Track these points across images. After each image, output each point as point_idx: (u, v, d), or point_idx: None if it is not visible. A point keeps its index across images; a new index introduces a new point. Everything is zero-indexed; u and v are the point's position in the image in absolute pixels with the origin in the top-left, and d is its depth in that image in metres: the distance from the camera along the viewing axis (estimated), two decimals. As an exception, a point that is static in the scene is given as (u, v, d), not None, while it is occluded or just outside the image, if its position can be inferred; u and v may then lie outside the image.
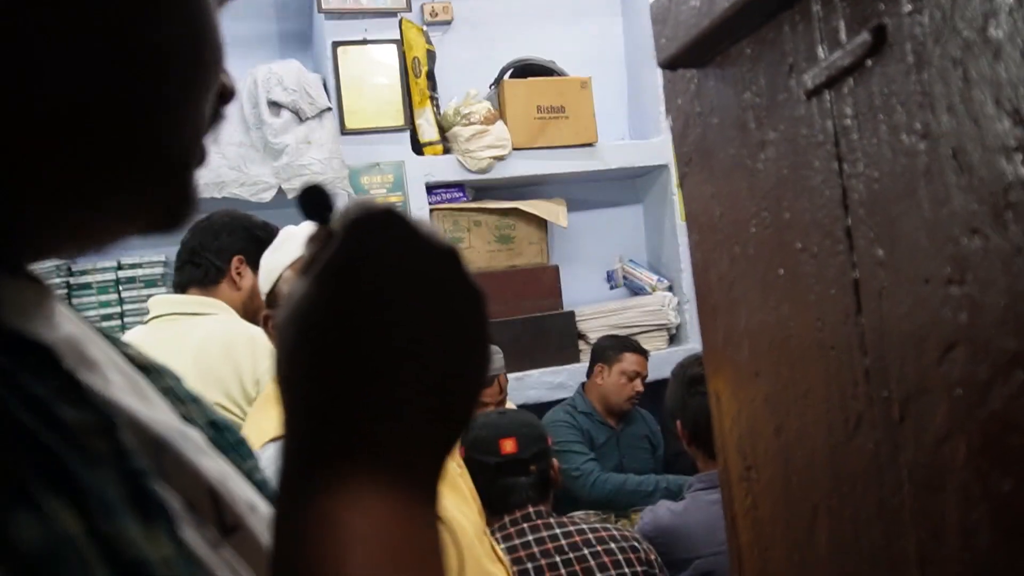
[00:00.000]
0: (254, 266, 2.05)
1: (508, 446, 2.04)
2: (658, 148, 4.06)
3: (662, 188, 4.16)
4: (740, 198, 0.81)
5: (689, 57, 0.83)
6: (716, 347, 0.89)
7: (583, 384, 3.57)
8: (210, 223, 2.22)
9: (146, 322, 2.19)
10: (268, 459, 0.71)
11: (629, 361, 3.43)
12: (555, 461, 2.12)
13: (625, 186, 4.37)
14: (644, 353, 3.51)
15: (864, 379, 0.66)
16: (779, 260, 0.76)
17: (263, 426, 1.45)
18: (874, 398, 0.65)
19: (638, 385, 3.44)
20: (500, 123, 3.79)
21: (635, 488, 3.18)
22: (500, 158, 3.76)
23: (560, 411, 3.46)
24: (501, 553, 1.69)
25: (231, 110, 3.42)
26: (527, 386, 3.77)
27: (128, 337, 2.16)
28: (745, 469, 0.84)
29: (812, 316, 0.72)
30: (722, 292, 0.86)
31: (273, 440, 1.39)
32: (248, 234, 2.21)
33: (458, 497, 1.55)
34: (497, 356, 3.19)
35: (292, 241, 1.55)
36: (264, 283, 1.55)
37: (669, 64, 0.86)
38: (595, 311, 3.99)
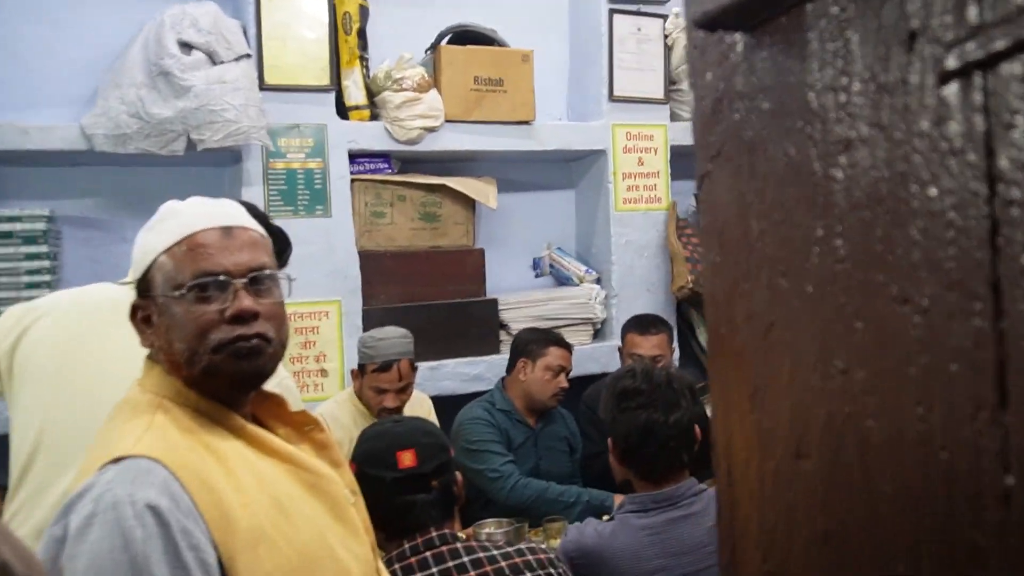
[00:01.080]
0: None
1: (406, 459, 1.79)
2: (598, 132, 3.85)
3: (598, 174, 3.96)
4: (797, 213, 0.59)
5: (737, 14, 0.61)
6: (734, 411, 0.67)
7: (503, 379, 3.34)
8: None
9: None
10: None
11: (554, 356, 3.22)
12: (459, 476, 1.89)
13: (559, 169, 4.15)
14: (569, 347, 3.31)
15: (1001, 505, 0.44)
16: (857, 308, 0.54)
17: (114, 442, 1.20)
18: (1016, 547, 0.43)
19: (563, 381, 3.24)
20: (434, 92, 3.52)
21: (555, 498, 2.98)
22: (431, 129, 3.50)
23: (477, 407, 3.24)
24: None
25: (132, 53, 3.09)
26: (442, 376, 3.54)
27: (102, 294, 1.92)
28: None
29: (910, 399, 0.50)
30: (753, 337, 0.64)
31: (115, 461, 1.14)
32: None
33: (347, 530, 1.31)
34: (403, 340, 2.95)
35: (173, 220, 1.29)
36: (136, 266, 1.28)
37: (707, 22, 0.63)
38: (519, 300, 3.77)
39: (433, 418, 3.25)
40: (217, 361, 1.23)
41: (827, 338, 0.57)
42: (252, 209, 1.47)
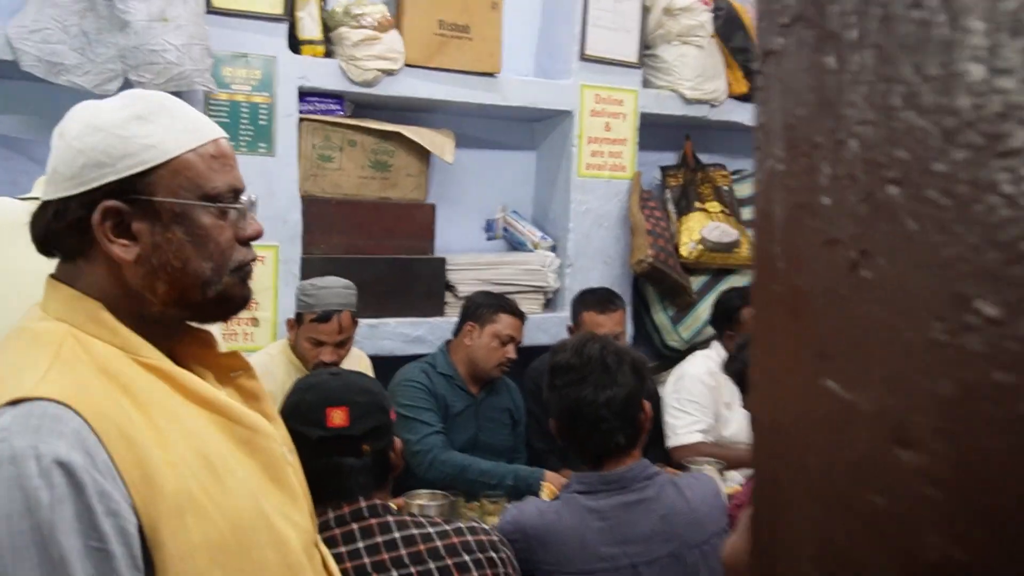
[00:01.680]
0: None
1: (337, 417, 1.58)
2: (565, 91, 3.65)
3: (562, 137, 3.76)
4: (927, 94, 0.41)
5: None
6: (788, 378, 0.48)
7: (448, 342, 3.15)
8: None
9: None
10: None
11: (504, 323, 3.03)
12: (397, 441, 1.68)
13: (522, 128, 3.94)
14: (522, 317, 3.12)
15: None
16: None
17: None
18: None
19: (511, 351, 3.05)
20: (395, 32, 3.28)
21: (477, 477, 2.78)
22: (389, 72, 3.27)
23: (416, 369, 3.04)
24: (334, 569, 1.26)
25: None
26: (382, 335, 3.33)
27: None
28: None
29: None
30: (829, 273, 0.46)
31: (12, 403, 0.93)
32: None
33: (285, 496, 1.11)
34: (346, 291, 2.75)
35: (181, 115, 1.10)
36: (114, 160, 1.03)
37: None
38: (469, 262, 3.57)
39: (369, 378, 3.06)
40: (230, 284, 1.12)
41: (966, 272, 0.38)
42: None
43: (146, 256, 1.05)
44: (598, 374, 1.88)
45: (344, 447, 1.58)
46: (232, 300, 1.14)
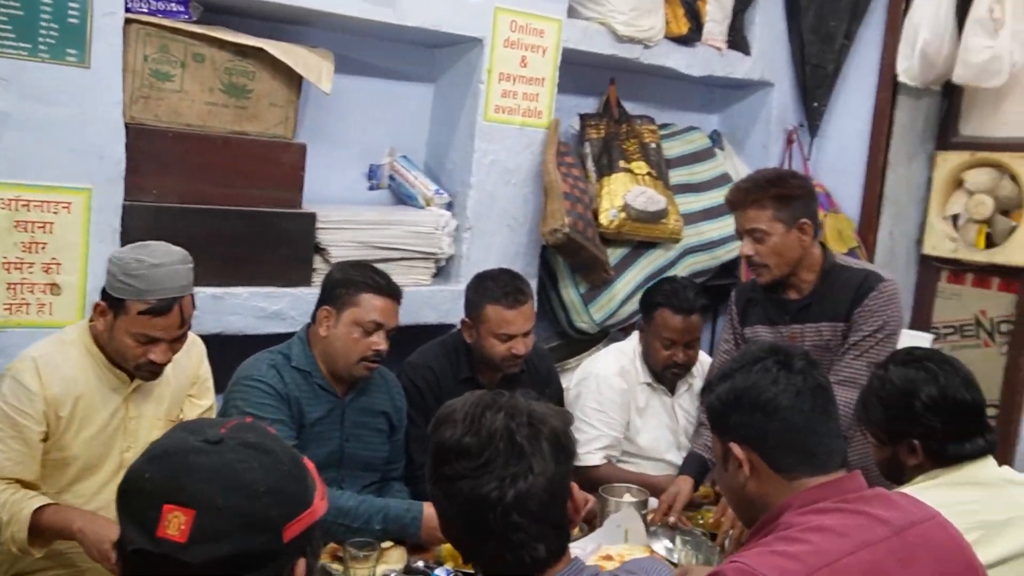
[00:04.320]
0: None
1: (173, 524, 0.94)
2: (475, 14, 2.96)
3: (468, 70, 3.07)
4: None
5: None
6: None
7: (308, 326, 2.45)
8: None
9: None
10: None
11: (368, 306, 2.32)
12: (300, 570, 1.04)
13: (419, 55, 3.23)
14: (394, 295, 2.41)
15: None
16: None
17: None
18: None
19: (378, 342, 2.35)
20: (261, -85, 2.52)
21: (335, 519, 2.14)
22: (250, -32, 2.50)
23: (263, 364, 2.32)
24: None
25: None
26: (228, 309, 2.63)
27: None
28: None
29: None
30: None
31: None
32: None
33: None
34: (186, 268, 2.04)
35: None
36: None
37: None
38: (345, 219, 2.88)
39: (204, 369, 2.35)
40: None
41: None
42: None
43: None
44: (504, 459, 1.24)
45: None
46: None
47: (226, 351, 2.45)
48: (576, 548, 2.07)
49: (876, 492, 1.45)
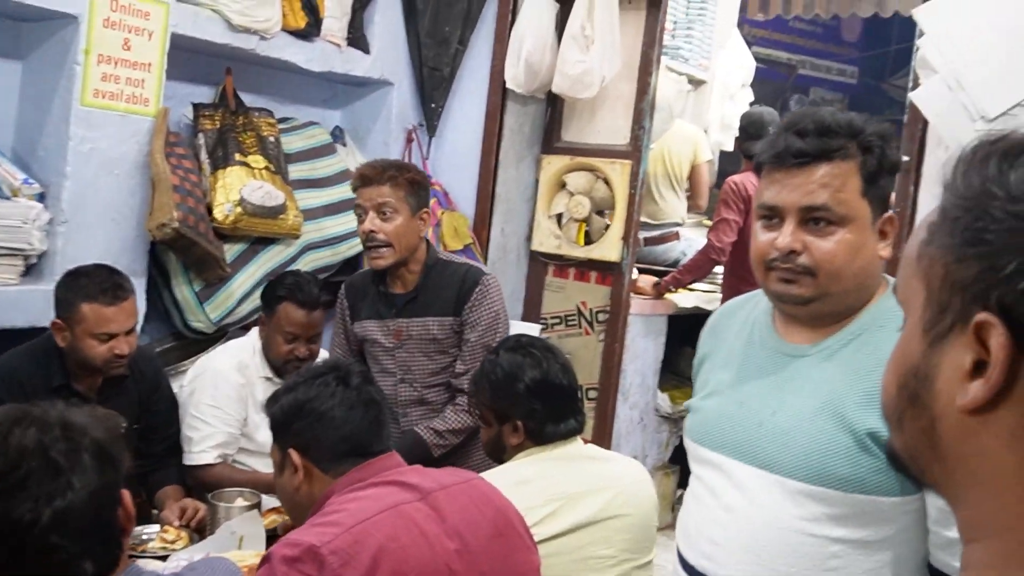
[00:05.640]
0: None
1: None
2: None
3: (62, 48, 2.81)
4: None
5: None
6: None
7: None
8: None
9: None
10: None
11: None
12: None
13: (3, 29, 2.89)
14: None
15: None
16: None
17: None
18: None
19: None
20: None
21: None
22: None
23: None
24: None
25: None
26: None
27: None
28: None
29: None
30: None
31: None
32: None
33: None
34: None
35: None
36: None
37: None
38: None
39: None
40: None
41: None
42: None
43: None
44: (38, 478, 1.15)
45: None
46: None
47: None
48: (182, 557, 1.98)
49: (414, 468, 1.70)
